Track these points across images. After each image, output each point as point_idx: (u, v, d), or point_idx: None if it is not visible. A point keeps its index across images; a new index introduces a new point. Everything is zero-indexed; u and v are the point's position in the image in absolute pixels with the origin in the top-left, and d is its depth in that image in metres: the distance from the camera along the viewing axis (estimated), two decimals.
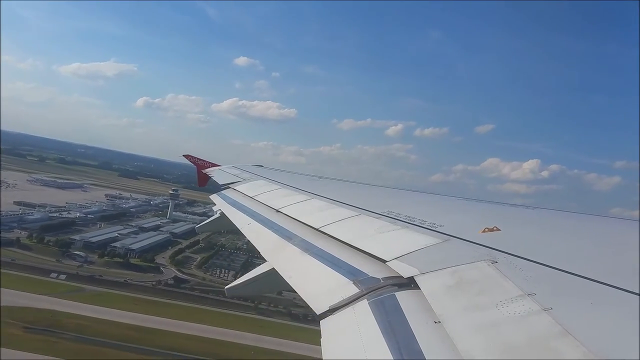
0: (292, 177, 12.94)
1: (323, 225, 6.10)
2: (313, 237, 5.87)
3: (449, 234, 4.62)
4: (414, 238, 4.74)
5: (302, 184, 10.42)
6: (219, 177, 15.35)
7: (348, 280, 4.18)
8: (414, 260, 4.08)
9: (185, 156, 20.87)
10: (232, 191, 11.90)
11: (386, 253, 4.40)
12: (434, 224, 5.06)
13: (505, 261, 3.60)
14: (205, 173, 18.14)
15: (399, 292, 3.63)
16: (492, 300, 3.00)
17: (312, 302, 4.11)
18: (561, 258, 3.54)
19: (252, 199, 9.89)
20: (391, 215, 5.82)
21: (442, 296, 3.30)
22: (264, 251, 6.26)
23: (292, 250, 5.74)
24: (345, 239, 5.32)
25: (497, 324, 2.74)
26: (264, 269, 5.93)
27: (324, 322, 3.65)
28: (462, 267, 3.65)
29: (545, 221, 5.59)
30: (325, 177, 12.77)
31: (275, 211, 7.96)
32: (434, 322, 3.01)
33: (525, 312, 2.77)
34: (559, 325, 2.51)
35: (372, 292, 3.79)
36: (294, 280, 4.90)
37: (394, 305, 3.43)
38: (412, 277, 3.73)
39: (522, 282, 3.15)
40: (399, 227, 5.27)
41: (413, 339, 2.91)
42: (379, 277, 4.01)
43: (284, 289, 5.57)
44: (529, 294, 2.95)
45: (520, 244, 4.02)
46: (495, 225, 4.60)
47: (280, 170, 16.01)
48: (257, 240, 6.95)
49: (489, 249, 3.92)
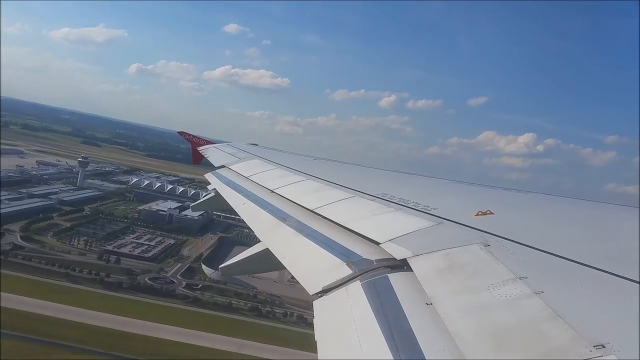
0: (287, 157, 12.90)
1: (318, 206, 6.11)
2: (307, 218, 5.88)
3: (442, 217, 4.64)
4: (407, 220, 4.76)
5: (298, 164, 10.40)
6: (214, 157, 15.27)
7: (341, 262, 4.21)
8: (407, 242, 4.10)
9: (180, 133, 20.66)
10: (227, 170, 11.86)
11: (380, 235, 4.42)
12: (428, 207, 5.07)
13: (497, 244, 3.62)
14: (200, 151, 18.03)
15: (391, 273, 3.66)
16: (484, 283, 3.03)
17: (306, 282, 4.13)
18: (553, 242, 3.57)
19: (247, 179, 9.86)
20: (385, 198, 5.83)
21: (434, 278, 3.33)
22: (259, 231, 6.27)
23: (287, 231, 5.75)
24: (340, 220, 5.34)
25: (488, 307, 2.77)
26: (258, 249, 5.95)
27: (317, 303, 3.68)
28: (454, 250, 3.68)
29: (538, 206, 5.63)
30: (321, 157, 12.75)
31: (270, 192, 7.95)
32: (426, 304, 3.04)
33: (516, 295, 2.80)
34: (550, 309, 2.54)
35: (365, 273, 3.81)
36: (287, 260, 4.93)
37: (386, 287, 3.46)
38: (405, 259, 3.75)
39: (514, 266, 3.17)
40: (393, 210, 5.28)
41: (405, 320, 2.94)
42: (372, 259, 4.03)
43: (277, 269, 5.61)
44: (520, 278, 2.97)
45: (513, 228, 4.04)
46: (488, 209, 4.62)
47: (276, 150, 15.95)
48: (251, 220, 6.96)
49: (481, 232, 3.95)
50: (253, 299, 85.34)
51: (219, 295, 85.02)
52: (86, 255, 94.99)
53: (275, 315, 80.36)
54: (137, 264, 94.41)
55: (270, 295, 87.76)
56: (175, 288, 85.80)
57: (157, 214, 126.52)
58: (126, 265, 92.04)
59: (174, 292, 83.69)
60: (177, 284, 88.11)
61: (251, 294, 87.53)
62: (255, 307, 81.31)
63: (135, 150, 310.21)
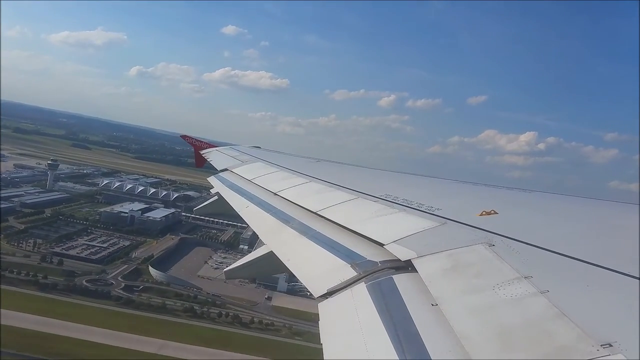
0: (290, 159, 12.91)
1: (321, 208, 6.10)
2: (311, 221, 5.88)
3: (446, 217, 4.63)
4: (411, 221, 4.75)
5: (300, 166, 10.40)
6: (217, 160, 15.29)
7: (346, 264, 4.20)
8: (411, 243, 4.09)
9: (183, 137, 20.71)
10: (229, 173, 11.87)
11: (384, 236, 4.41)
12: (432, 207, 5.07)
13: (502, 244, 3.62)
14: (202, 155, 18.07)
15: (396, 275, 3.65)
16: (489, 283, 3.02)
17: (310, 284, 4.13)
18: (558, 241, 3.56)
19: (250, 182, 9.87)
20: (389, 199, 5.83)
21: (439, 279, 3.32)
22: (262, 234, 6.27)
23: (290, 234, 5.75)
24: (343, 222, 5.33)
25: (494, 307, 2.77)
26: (262, 252, 5.95)
27: (322, 305, 3.68)
28: (459, 250, 3.67)
29: (542, 205, 5.61)
30: (323, 159, 12.75)
31: (273, 194, 7.96)
32: (431, 305, 3.04)
33: (521, 294, 2.80)
34: (555, 308, 2.53)
35: (370, 275, 3.81)
36: (291, 263, 4.92)
37: (391, 288, 3.45)
38: (409, 260, 3.75)
39: (519, 265, 3.17)
40: (397, 211, 5.27)
41: (410, 321, 2.94)
42: (377, 261, 4.02)
43: (281, 272, 5.61)
44: (525, 277, 2.97)
45: (518, 227, 4.03)
46: (492, 209, 4.61)
47: (279, 152, 15.97)
48: (255, 223, 6.96)
49: (486, 232, 3.94)
50: (193, 300, 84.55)
51: (159, 296, 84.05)
52: (30, 257, 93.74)
53: (209, 316, 79.85)
54: (83, 266, 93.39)
55: (212, 296, 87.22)
56: (111, 290, 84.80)
57: (118, 215, 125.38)
58: (70, 267, 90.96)
59: (109, 294, 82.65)
60: (116, 286, 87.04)
61: (192, 294, 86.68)
62: (190, 307, 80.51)
63: (126, 152, 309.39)
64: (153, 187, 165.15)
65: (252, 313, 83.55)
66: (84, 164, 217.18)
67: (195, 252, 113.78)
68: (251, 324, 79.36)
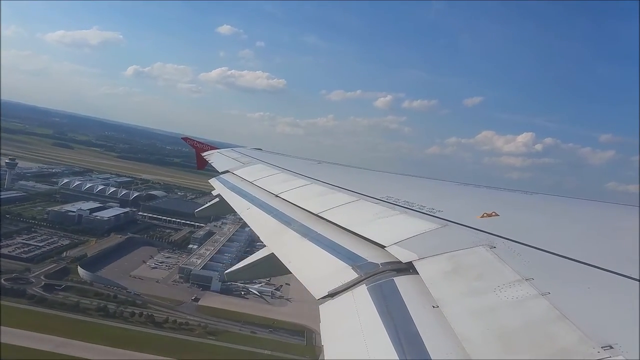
0: (291, 161, 12.92)
1: (322, 210, 6.11)
2: (312, 222, 5.88)
3: (447, 219, 4.63)
4: (412, 223, 4.76)
5: (302, 168, 10.41)
6: (218, 162, 15.31)
7: (347, 266, 4.21)
8: (412, 245, 4.09)
9: (184, 139, 20.74)
10: (231, 175, 11.89)
11: (385, 238, 4.42)
12: (433, 209, 5.07)
13: (503, 246, 3.62)
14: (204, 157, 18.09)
15: (397, 277, 3.66)
16: (490, 285, 3.02)
17: (311, 286, 4.14)
18: (559, 243, 3.56)
19: (251, 184, 9.88)
20: (390, 201, 5.83)
21: (441, 281, 3.32)
22: (263, 236, 6.28)
23: (292, 236, 5.76)
24: (345, 224, 5.34)
25: (495, 309, 2.77)
26: (263, 254, 5.95)
27: (323, 307, 3.68)
28: (460, 252, 3.67)
29: (543, 207, 5.61)
30: (324, 161, 12.76)
31: (275, 196, 7.96)
32: (432, 307, 3.04)
33: (523, 296, 2.80)
34: (557, 310, 2.54)
35: (371, 277, 3.81)
36: (293, 265, 4.93)
37: (392, 290, 3.46)
38: (410, 262, 3.75)
39: (520, 267, 3.17)
40: (398, 212, 5.28)
41: (411, 323, 2.94)
42: (378, 263, 4.03)
43: (283, 274, 5.62)
44: (526, 279, 2.97)
45: (519, 230, 4.03)
46: (493, 211, 4.61)
47: (280, 154, 15.98)
48: (256, 225, 6.97)
49: (487, 234, 3.94)
50: (113, 299, 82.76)
51: (78, 295, 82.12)
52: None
53: (122, 315, 78.23)
54: (12, 264, 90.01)
55: (134, 296, 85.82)
56: (27, 288, 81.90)
57: (66, 214, 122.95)
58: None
59: (24, 292, 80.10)
60: (35, 285, 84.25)
61: (112, 294, 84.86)
62: (104, 307, 78.77)
63: (112, 152, 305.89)
64: (114, 187, 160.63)
65: (171, 313, 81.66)
66: (58, 163, 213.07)
67: (139, 251, 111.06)
68: (164, 324, 77.61)
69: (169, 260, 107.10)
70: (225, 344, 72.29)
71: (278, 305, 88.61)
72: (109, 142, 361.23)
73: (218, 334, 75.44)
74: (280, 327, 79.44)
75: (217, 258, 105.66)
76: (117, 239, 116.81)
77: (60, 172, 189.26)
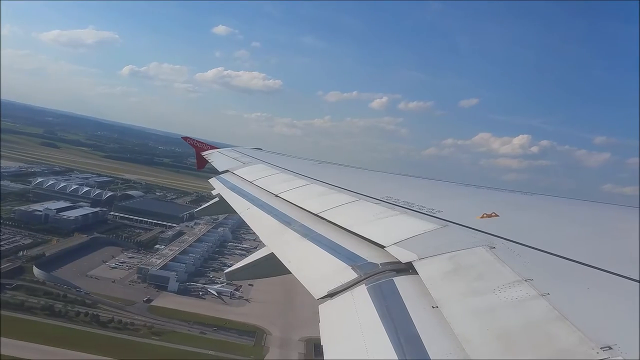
0: (291, 161, 12.92)
1: (322, 210, 6.11)
2: (312, 223, 5.89)
3: (447, 220, 4.63)
4: (412, 223, 4.76)
5: (302, 168, 10.41)
6: (218, 162, 15.31)
7: (347, 266, 4.21)
8: (412, 245, 4.09)
9: (184, 138, 20.73)
10: (231, 175, 11.89)
11: (385, 238, 4.42)
12: (433, 210, 5.07)
13: (503, 247, 3.62)
14: (204, 156, 18.08)
15: (397, 277, 3.66)
16: (490, 286, 3.03)
17: (311, 286, 4.14)
18: (558, 244, 3.57)
19: (251, 184, 9.88)
20: (390, 201, 5.84)
21: (440, 281, 3.33)
22: (263, 236, 6.28)
23: (292, 236, 5.76)
24: (345, 224, 5.34)
25: (494, 309, 2.77)
26: (263, 254, 5.95)
27: (323, 307, 3.68)
28: (460, 253, 3.68)
29: (542, 207, 5.61)
30: (325, 161, 12.77)
31: (275, 196, 7.97)
32: (432, 307, 3.04)
33: (522, 297, 2.80)
34: (556, 310, 2.54)
35: (371, 277, 3.81)
36: (293, 265, 4.93)
37: (392, 291, 3.46)
38: (410, 263, 3.75)
39: (520, 268, 3.17)
40: (398, 213, 5.28)
41: (411, 323, 2.94)
42: (378, 263, 4.03)
43: (282, 274, 5.62)
44: (526, 280, 2.97)
45: (519, 230, 4.04)
46: (493, 212, 4.61)
47: (280, 154, 15.98)
48: (256, 224, 6.97)
49: (487, 234, 3.94)
50: (63, 299, 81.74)
51: (26, 295, 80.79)
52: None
53: (67, 315, 77.36)
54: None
55: (85, 296, 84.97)
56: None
57: (32, 214, 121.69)
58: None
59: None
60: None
61: (61, 293, 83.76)
62: (49, 306, 77.75)
63: (100, 151, 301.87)
64: (88, 187, 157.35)
65: (118, 313, 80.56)
66: (41, 162, 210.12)
67: (102, 251, 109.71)
68: (109, 324, 76.81)
69: (131, 260, 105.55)
70: (168, 345, 71.48)
71: (236, 305, 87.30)
72: (99, 142, 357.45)
73: (163, 334, 74.78)
74: (231, 328, 78.41)
75: (179, 258, 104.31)
76: (81, 238, 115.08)
77: (40, 171, 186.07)
